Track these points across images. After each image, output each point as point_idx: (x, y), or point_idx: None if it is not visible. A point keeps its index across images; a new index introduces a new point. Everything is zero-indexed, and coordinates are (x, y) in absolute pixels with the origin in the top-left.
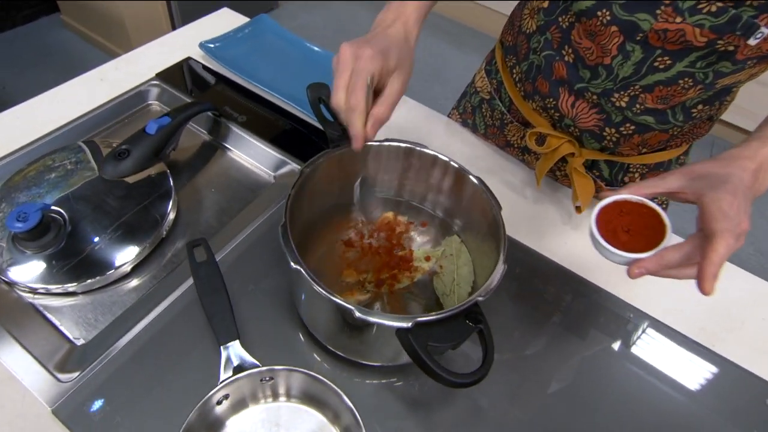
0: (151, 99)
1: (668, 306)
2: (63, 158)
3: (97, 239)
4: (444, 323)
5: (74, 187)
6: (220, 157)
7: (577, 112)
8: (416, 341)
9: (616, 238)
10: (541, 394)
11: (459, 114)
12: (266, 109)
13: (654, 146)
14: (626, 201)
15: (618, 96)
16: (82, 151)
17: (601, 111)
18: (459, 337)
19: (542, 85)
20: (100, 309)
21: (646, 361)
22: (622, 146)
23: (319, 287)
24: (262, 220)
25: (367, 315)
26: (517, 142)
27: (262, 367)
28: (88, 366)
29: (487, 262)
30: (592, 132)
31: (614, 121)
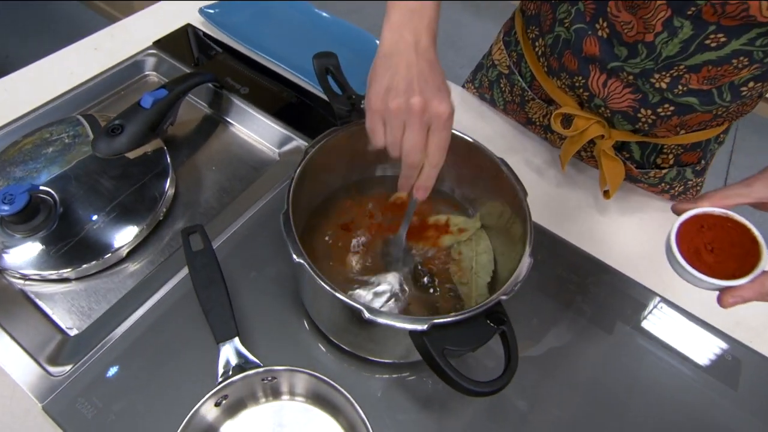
0: (148, 69)
1: (701, 297)
2: (60, 131)
3: (90, 221)
4: (463, 325)
5: (69, 165)
6: (222, 133)
7: (609, 92)
8: (432, 345)
9: (700, 259)
10: (563, 389)
11: (475, 88)
12: (271, 80)
13: (693, 127)
14: (708, 214)
15: (658, 77)
16: (81, 125)
17: (637, 91)
18: (479, 340)
19: (570, 61)
20: (94, 297)
21: (677, 357)
22: (658, 128)
23: (325, 284)
24: (265, 201)
25: (377, 317)
26: (540, 120)
27: (263, 368)
28: (82, 359)
29: (510, 252)
30: (625, 113)
31: (651, 102)
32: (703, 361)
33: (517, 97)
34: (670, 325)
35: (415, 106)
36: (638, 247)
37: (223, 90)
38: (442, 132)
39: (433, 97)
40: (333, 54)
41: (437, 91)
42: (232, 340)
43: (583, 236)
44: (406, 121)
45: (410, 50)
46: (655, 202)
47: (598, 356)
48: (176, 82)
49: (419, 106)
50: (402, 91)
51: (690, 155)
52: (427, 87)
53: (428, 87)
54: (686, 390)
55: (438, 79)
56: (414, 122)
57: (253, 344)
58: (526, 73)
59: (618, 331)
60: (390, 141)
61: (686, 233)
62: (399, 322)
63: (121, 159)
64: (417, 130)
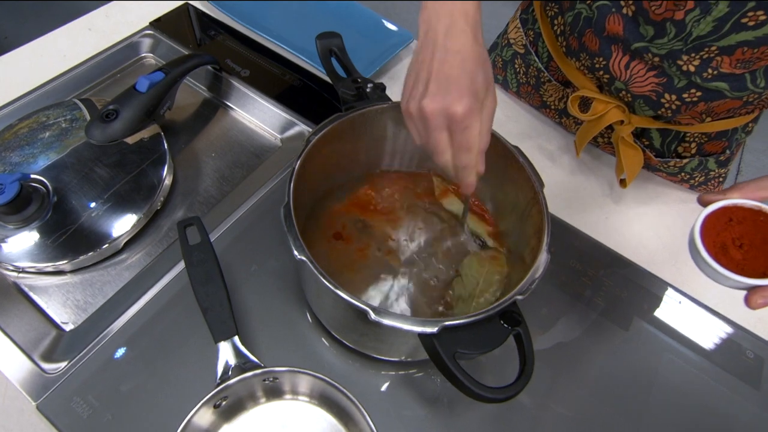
0: (144, 51)
1: (721, 292)
2: (57, 115)
3: (85, 211)
4: (475, 327)
5: (63, 152)
6: (222, 118)
7: (632, 75)
8: (443, 348)
9: (727, 255)
10: (576, 387)
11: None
12: (273, 62)
13: (720, 114)
14: (738, 207)
15: (687, 59)
16: (78, 109)
17: (662, 74)
18: (492, 343)
19: (591, 41)
20: (89, 290)
21: (696, 355)
22: (682, 115)
23: (328, 283)
24: (267, 189)
25: (383, 318)
26: (555, 103)
27: (264, 369)
28: (77, 355)
29: (524, 248)
30: (648, 98)
31: (676, 87)
32: (724, 359)
33: (532, 79)
34: (689, 321)
35: (425, 109)
36: (655, 238)
37: (223, 73)
38: (462, 133)
39: (447, 96)
40: (337, 34)
41: (453, 90)
42: (231, 339)
43: (597, 226)
44: (425, 125)
45: (436, 42)
46: (674, 192)
47: (613, 353)
48: (173, 65)
49: (430, 109)
50: (419, 93)
51: (714, 144)
52: (445, 84)
53: (445, 84)
54: (705, 389)
55: (460, 75)
56: (430, 126)
57: (253, 341)
58: (543, 53)
59: (634, 326)
60: (422, 141)
61: (712, 226)
62: (407, 324)
63: (116, 146)
64: (435, 132)
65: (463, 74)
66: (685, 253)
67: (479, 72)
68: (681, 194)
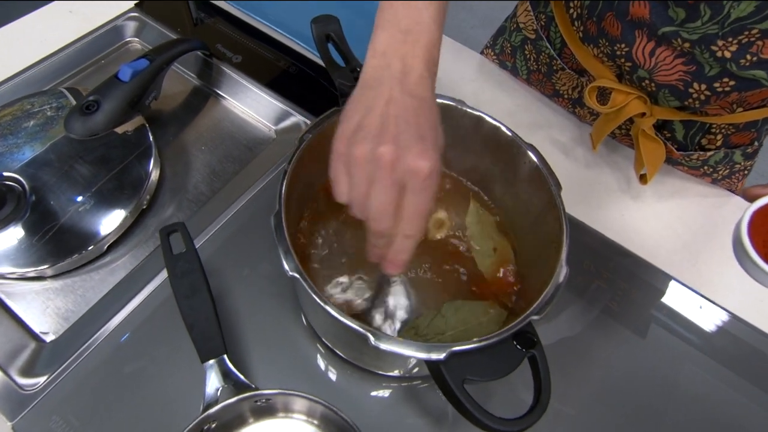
0: (129, 35)
1: (746, 297)
2: (42, 103)
3: (66, 212)
4: (487, 351)
5: (42, 148)
6: (212, 108)
7: (657, 63)
8: (450, 375)
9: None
10: (589, 394)
11: (495, 54)
12: (267, 47)
13: (753, 104)
14: None
15: (722, 44)
16: (64, 97)
17: (691, 62)
18: (505, 368)
19: (612, 25)
20: (71, 296)
21: (718, 363)
22: (711, 105)
23: (324, 304)
24: (261, 186)
25: (384, 344)
26: (569, 93)
27: (254, 392)
28: (58, 369)
29: (537, 258)
30: (674, 88)
31: (707, 75)
32: (748, 368)
33: (543, 66)
34: (710, 327)
35: (383, 156)
36: (674, 237)
37: (214, 59)
38: (419, 195)
39: (411, 147)
40: (334, 18)
41: (418, 140)
42: (219, 358)
43: (612, 224)
44: (373, 175)
45: (394, 82)
46: (695, 186)
47: (629, 360)
48: (159, 51)
49: (389, 157)
50: (372, 135)
51: (742, 136)
52: (406, 133)
53: (407, 133)
54: (727, 401)
55: (424, 124)
56: (382, 177)
57: (244, 353)
58: (556, 39)
59: (651, 333)
60: (353, 197)
61: (762, 223)
62: (411, 350)
63: (98, 140)
64: (385, 187)
65: (430, 126)
66: (706, 253)
67: (440, 129)
68: (701, 188)
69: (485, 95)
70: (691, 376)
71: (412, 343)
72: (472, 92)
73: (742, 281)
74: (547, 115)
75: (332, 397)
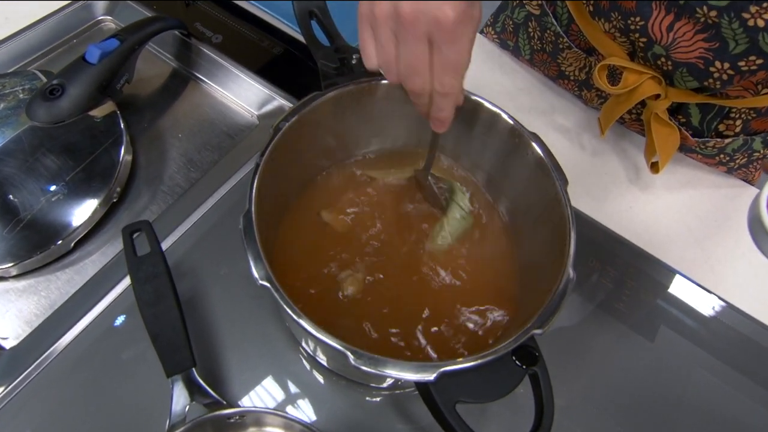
0: (101, 13)
1: (761, 296)
2: (14, 84)
3: (29, 207)
4: (483, 370)
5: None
6: (191, 92)
7: (675, 38)
8: (441, 398)
9: None
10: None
11: (496, 33)
12: (250, 25)
13: None
14: None
15: (756, 11)
16: (38, 79)
17: (714, 38)
18: (502, 389)
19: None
20: (34, 298)
21: (733, 370)
22: (733, 86)
23: (300, 320)
24: (242, 176)
25: (367, 364)
26: (575, 73)
27: (227, 410)
28: (17, 378)
29: (541, 258)
30: (693, 66)
31: (731, 53)
32: (765, 375)
33: (548, 45)
34: (724, 330)
35: (403, 9)
36: (686, 232)
37: (192, 39)
38: (447, 45)
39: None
40: None
41: None
42: (186, 371)
43: (619, 217)
44: (398, 33)
45: None
46: (707, 176)
47: (637, 367)
48: (131, 30)
49: (409, 9)
50: None
51: (763, 121)
52: None
53: None
54: (742, 409)
55: None
56: (406, 33)
57: (219, 366)
58: (563, 15)
59: (660, 336)
60: (382, 59)
61: None
62: (397, 370)
63: (63, 127)
64: (412, 43)
65: None
66: (720, 249)
67: None
68: (715, 179)
69: (484, 77)
70: (701, 384)
71: (397, 363)
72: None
73: (756, 279)
74: (550, 98)
75: (316, 407)
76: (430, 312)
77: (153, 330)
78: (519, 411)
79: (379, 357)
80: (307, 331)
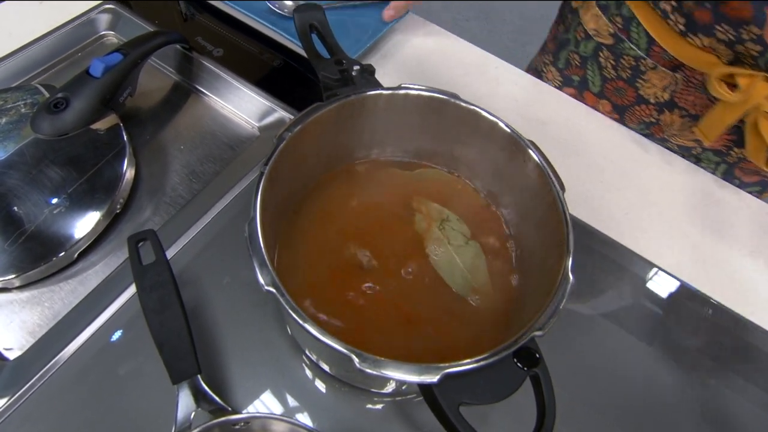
0: (103, 28)
1: (760, 300)
2: (16, 99)
3: (34, 218)
4: (485, 372)
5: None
6: (192, 104)
7: None
8: (445, 399)
9: None
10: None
11: (558, 70)
12: (250, 39)
13: None
14: None
15: None
16: (40, 93)
17: None
18: (505, 390)
19: (740, 8)
20: (38, 308)
21: (733, 375)
22: None
23: (306, 324)
24: (243, 187)
25: (371, 368)
26: (659, 95)
27: (233, 416)
28: (21, 389)
29: (539, 264)
30: None
31: None
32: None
33: (625, 72)
34: (719, 332)
35: None
36: (681, 236)
37: (193, 52)
38: None
39: None
40: (318, 6)
41: None
42: (192, 378)
43: (617, 225)
44: None
45: None
46: (703, 182)
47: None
48: (134, 44)
49: None
50: None
51: None
52: None
53: None
54: (742, 413)
55: None
56: None
57: (223, 374)
58: (640, 39)
59: (656, 338)
60: None
61: None
62: (401, 372)
63: (67, 140)
64: None
65: None
66: (716, 252)
67: None
68: (707, 185)
69: (481, 89)
70: (699, 383)
71: (402, 365)
72: (465, 84)
73: (751, 282)
74: (552, 108)
75: (319, 413)
76: (432, 317)
77: (159, 338)
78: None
79: (382, 359)
80: (313, 335)
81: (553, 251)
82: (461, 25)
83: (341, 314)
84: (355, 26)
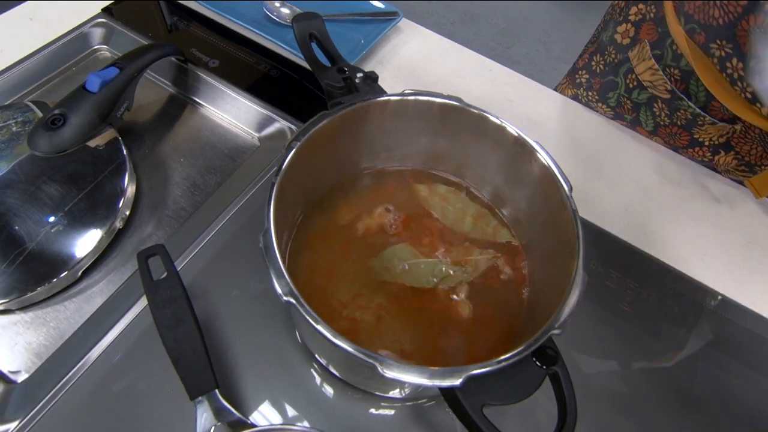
0: (97, 42)
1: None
2: (6, 118)
3: (34, 237)
4: (506, 372)
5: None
6: (190, 116)
7: None
8: (468, 402)
9: None
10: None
11: (610, 108)
12: (245, 49)
13: None
14: None
15: None
16: (31, 111)
17: None
18: (526, 390)
19: None
20: (44, 329)
21: (742, 366)
22: None
23: (328, 332)
24: (246, 198)
25: (395, 373)
26: (714, 140)
27: (253, 429)
28: (30, 412)
29: (549, 265)
30: None
31: None
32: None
33: (680, 120)
34: (726, 324)
35: None
36: (681, 231)
37: (189, 64)
38: None
39: None
40: (316, 15)
41: None
42: (210, 393)
43: (620, 221)
44: None
45: None
46: (702, 178)
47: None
48: (129, 58)
49: None
50: None
51: None
52: None
53: None
54: (754, 403)
55: None
56: None
57: (237, 386)
58: (699, 92)
59: (665, 332)
60: None
61: None
62: (424, 377)
63: (66, 156)
64: None
65: None
66: (716, 246)
67: None
68: (706, 180)
69: (476, 91)
70: (710, 376)
71: (425, 369)
72: (461, 87)
73: (752, 273)
74: (545, 107)
75: (331, 420)
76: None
77: (174, 354)
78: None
79: (406, 364)
80: (337, 345)
81: (563, 250)
82: (447, 29)
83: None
84: (352, 32)
